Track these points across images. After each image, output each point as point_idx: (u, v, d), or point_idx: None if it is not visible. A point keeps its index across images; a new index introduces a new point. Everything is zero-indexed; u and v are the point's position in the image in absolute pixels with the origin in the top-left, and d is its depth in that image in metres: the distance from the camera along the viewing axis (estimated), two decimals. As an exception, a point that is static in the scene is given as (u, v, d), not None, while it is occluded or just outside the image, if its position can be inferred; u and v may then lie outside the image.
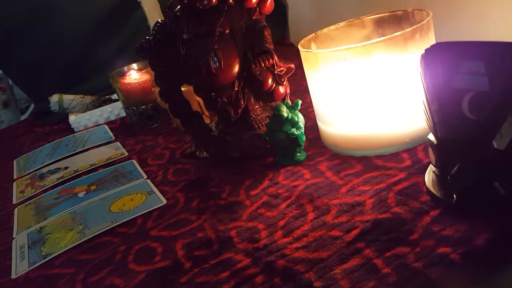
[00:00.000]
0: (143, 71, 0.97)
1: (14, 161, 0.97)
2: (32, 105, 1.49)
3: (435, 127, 0.45)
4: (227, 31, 0.62)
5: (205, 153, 0.72)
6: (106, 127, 1.02)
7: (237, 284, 0.44)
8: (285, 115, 0.60)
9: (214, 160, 0.70)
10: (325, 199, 0.52)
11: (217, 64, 0.62)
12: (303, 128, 0.62)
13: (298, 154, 0.62)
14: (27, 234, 0.65)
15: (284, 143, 0.61)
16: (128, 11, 1.26)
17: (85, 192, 0.73)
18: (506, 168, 0.41)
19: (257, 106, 0.67)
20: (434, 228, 0.43)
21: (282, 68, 0.64)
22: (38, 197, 0.76)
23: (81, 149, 0.92)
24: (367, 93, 0.56)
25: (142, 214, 0.61)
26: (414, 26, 0.54)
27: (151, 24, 1.06)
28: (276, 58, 0.62)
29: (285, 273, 0.43)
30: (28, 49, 1.25)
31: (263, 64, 0.62)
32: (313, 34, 0.64)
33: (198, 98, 0.74)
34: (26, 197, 0.77)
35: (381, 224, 0.46)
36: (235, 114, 0.65)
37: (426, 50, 0.43)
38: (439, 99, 0.43)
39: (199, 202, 0.60)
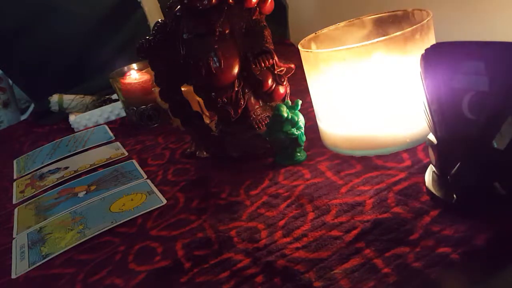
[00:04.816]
0: (143, 71, 0.97)
1: (14, 161, 0.97)
2: (32, 105, 1.49)
3: (435, 127, 0.45)
4: (227, 31, 0.62)
5: (205, 153, 0.72)
6: (106, 127, 1.02)
7: (237, 284, 0.44)
8: (285, 115, 0.60)
9: (214, 160, 0.70)
10: (325, 199, 0.52)
11: (217, 64, 0.62)
12: (303, 128, 0.61)
13: (298, 154, 0.62)
14: (27, 234, 0.65)
15: (284, 143, 0.61)
16: (128, 11, 1.26)
17: (85, 192, 0.73)
18: (506, 168, 0.41)
19: (257, 106, 0.67)
20: (434, 228, 0.43)
21: (282, 68, 0.64)
22: (38, 197, 0.76)
23: (81, 149, 0.92)
24: (367, 93, 0.56)
25: (142, 214, 0.61)
26: (414, 26, 0.54)
27: (151, 24, 1.06)
28: (276, 58, 0.62)
29: (285, 273, 0.43)
30: (28, 49, 1.25)
31: (263, 64, 0.62)
32: (313, 34, 0.64)
33: (198, 98, 0.74)
34: (26, 197, 0.77)
35: (381, 224, 0.46)
36: (235, 114, 0.65)
37: (426, 50, 0.43)
38: (439, 99, 0.43)
39: (199, 202, 0.60)
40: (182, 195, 0.64)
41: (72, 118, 1.07)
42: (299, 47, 0.60)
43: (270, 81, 0.63)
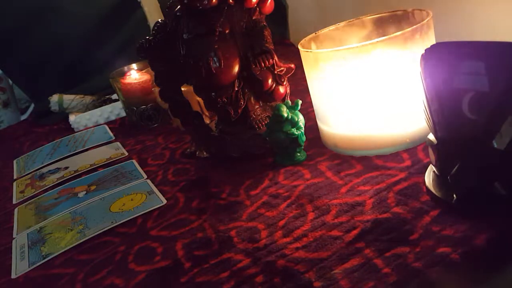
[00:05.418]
0: (143, 71, 0.97)
1: (14, 161, 0.97)
2: (32, 105, 1.49)
3: (435, 127, 0.45)
4: (227, 31, 0.62)
5: (205, 153, 0.72)
6: (106, 127, 1.02)
7: (237, 284, 0.44)
8: (285, 115, 0.60)
9: (214, 160, 0.70)
10: (325, 199, 0.52)
11: (217, 64, 0.62)
12: (303, 128, 0.62)
13: (298, 154, 0.62)
14: (27, 234, 0.65)
15: (284, 143, 0.61)
16: (128, 11, 1.26)
17: (85, 192, 0.73)
18: (506, 168, 0.41)
19: (257, 106, 0.67)
20: (434, 228, 0.43)
21: (282, 68, 0.64)
22: (38, 197, 0.76)
23: (81, 149, 0.92)
24: (367, 93, 0.56)
25: (142, 214, 0.61)
26: (414, 26, 0.54)
27: (151, 24, 1.06)
28: (276, 58, 0.62)
29: (285, 273, 0.43)
30: (28, 49, 1.25)
31: (263, 64, 0.62)
32: (313, 34, 0.64)
33: (198, 98, 0.74)
34: (26, 197, 0.77)
35: (381, 224, 0.46)
36: (235, 114, 0.65)
37: (426, 50, 0.43)
38: (439, 99, 0.43)
39: (199, 202, 0.60)
40: (182, 195, 0.64)
41: (72, 118, 1.07)
42: (299, 47, 0.60)
43: (270, 81, 0.63)
